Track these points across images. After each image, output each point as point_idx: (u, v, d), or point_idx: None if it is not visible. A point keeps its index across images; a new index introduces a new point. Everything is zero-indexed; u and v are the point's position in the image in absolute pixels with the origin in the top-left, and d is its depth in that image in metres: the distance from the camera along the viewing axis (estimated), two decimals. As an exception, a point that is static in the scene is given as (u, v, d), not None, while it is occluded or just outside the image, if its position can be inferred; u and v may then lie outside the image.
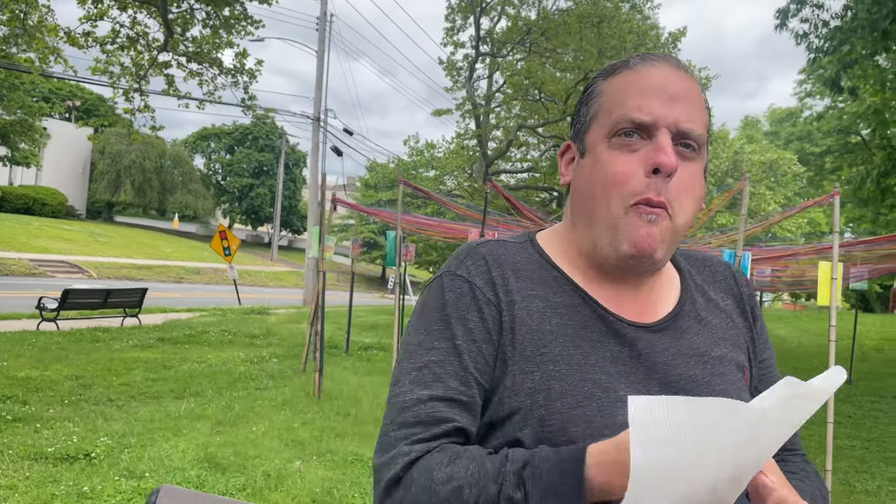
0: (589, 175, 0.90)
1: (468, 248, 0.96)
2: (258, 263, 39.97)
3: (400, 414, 0.84)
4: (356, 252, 10.60)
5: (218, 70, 13.44)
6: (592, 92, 0.95)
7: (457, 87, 25.19)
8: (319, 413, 6.53)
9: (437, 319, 0.89)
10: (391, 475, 0.79)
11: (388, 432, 0.84)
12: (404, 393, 0.85)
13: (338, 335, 11.25)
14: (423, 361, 0.86)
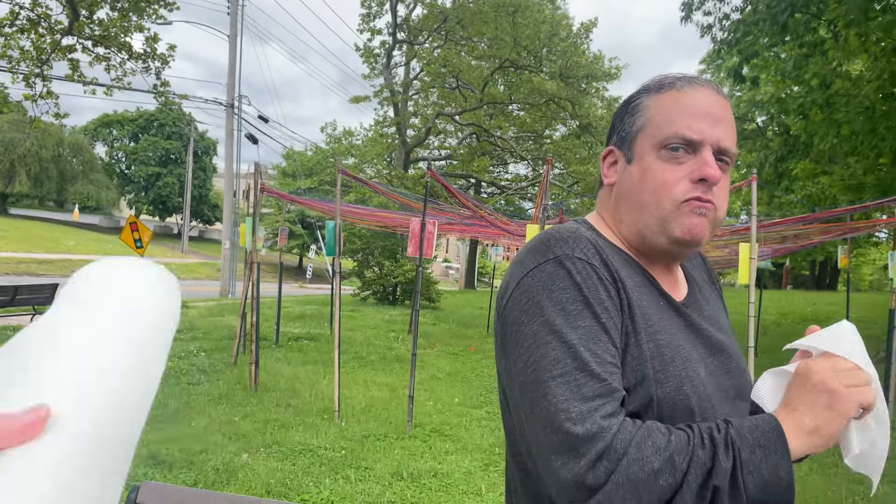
0: (639, 181, 1.04)
1: (569, 232, 1.01)
2: (168, 255, 38.48)
3: (571, 387, 0.86)
4: (284, 242, 10.46)
5: (127, 55, 12.85)
6: (638, 105, 1.08)
7: (374, 74, 25.05)
8: (259, 405, 6.48)
9: (572, 300, 0.92)
10: (598, 448, 0.81)
11: (568, 400, 0.84)
12: (570, 368, 0.87)
13: (265, 326, 11.07)
14: (571, 339, 0.89)
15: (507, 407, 1.05)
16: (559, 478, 0.83)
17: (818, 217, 8.46)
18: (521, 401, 0.92)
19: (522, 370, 0.91)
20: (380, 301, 17.69)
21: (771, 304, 19.19)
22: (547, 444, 0.85)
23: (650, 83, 1.09)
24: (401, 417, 6.22)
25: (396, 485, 4.53)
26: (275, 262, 24.04)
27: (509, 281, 1.01)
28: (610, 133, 1.14)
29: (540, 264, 0.97)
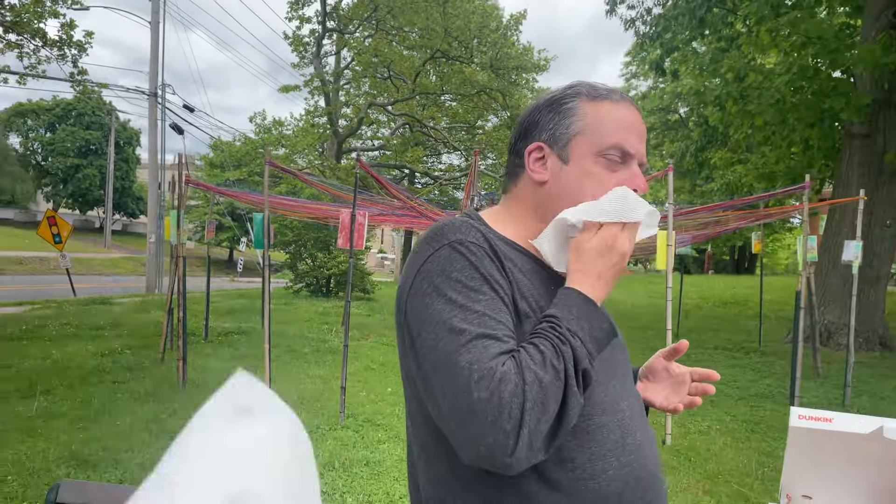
0: (578, 183, 1.13)
1: (461, 222, 1.08)
2: (90, 250, 36.99)
3: (471, 351, 0.93)
4: (211, 235, 10.23)
5: (41, 42, 12.27)
6: (572, 108, 1.15)
7: (304, 63, 24.65)
8: (188, 402, 6.36)
9: (472, 277, 1.00)
10: (513, 389, 0.90)
11: (472, 364, 0.91)
12: (473, 335, 0.94)
13: (194, 322, 10.83)
14: (473, 312, 0.97)
15: (410, 391, 1.11)
16: (485, 435, 0.89)
17: (732, 205, 8.87)
18: (433, 377, 0.96)
19: (433, 347, 0.96)
20: (313, 293, 17.52)
21: (693, 288, 19.97)
22: (466, 410, 0.90)
23: (580, 88, 1.16)
24: (333, 409, 6.23)
25: (328, 475, 4.55)
26: (204, 255, 23.56)
27: (409, 271, 1.07)
28: (529, 128, 1.18)
29: (436, 250, 1.03)
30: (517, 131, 1.21)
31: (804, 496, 1.90)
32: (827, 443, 1.74)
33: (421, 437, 1.10)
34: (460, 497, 1.04)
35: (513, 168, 1.22)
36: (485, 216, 1.20)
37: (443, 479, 1.06)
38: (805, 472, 1.85)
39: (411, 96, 24.61)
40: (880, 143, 10.29)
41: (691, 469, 5.04)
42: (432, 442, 1.07)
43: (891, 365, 9.43)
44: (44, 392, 6.51)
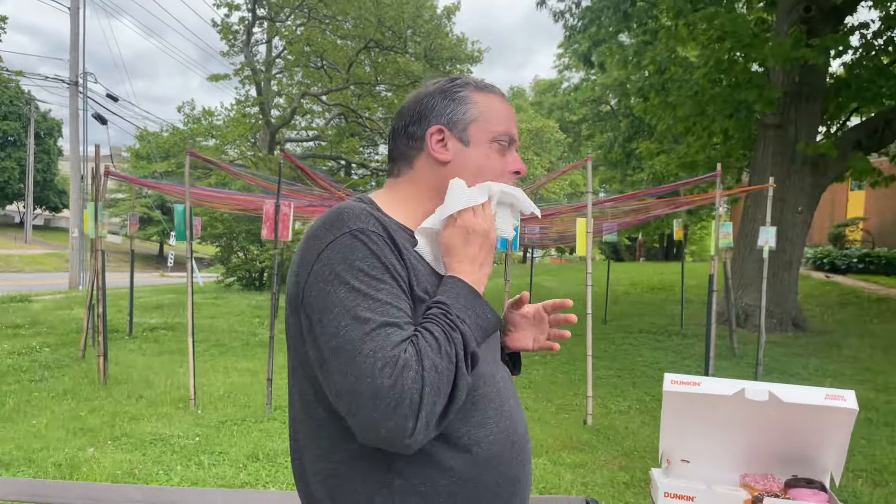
0: (476, 164, 1.24)
1: (360, 209, 1.12)
2: (10, 247, 35.38)
3: (376, 339, 0.99)
4: (134, 229, 9.94)
5: (-52, 26, 11.64)
6: (466, 97, 1.26)
7: (234, 51, 24.07)
8: (108, 399, 6.21)
9: (373, 266, 1.05)
10: (409, 379, 0.97)
11: (375, 351, 0.97)
12: (377, 323, 1.00)
13: (118, 318, 10.53)
14: (375, 301, 1.02)
15: (300, 373, 1.15)
16: (385, 422, 0.96)
17: (649, 193, 9.18)
18: (334, 361, 1.00)
19: (335, 334, 1.00)
20: (245, 287, 17.23)
21: (624, 275, 20.52)
22: (369, 394, 0.96)
23: (468, 80, 1.29)
24: (260, 401, 6.19)
25: (251, 466, 4.54)
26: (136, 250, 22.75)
27: (307, 255, 1.09)
28: (424, 113, 1.25)
29: (336, 238, 1.07)
30: (408, 117, 1.27)
31: (683, 460, 2.04)
32: (697, 405, 1.87)
33: (315, 415, 1.13)
34: (353, 466, 1.10)
35: (405, 151, 1.28)
36: (377, 200, 1.25)
37: (336, 453, 1.11)
38: (681, 436, 1.98)
39: (345, 86, 24.37)
40: (792, 133, 10.80)
41: (609, 447, 5.23)
42: (328, 418, 1.11)
43: (803, 344, 9.95)
44: (-47, 393, 6.25)
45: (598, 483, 4.41)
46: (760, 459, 1.93)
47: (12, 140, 43.21)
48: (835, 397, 1.73)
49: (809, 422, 1.80)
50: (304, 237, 1.15)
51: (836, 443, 1.80)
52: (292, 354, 1.17)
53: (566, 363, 8.50)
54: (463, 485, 1.10)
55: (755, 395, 1.77)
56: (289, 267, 5.53)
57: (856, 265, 16.93)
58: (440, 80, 1.32)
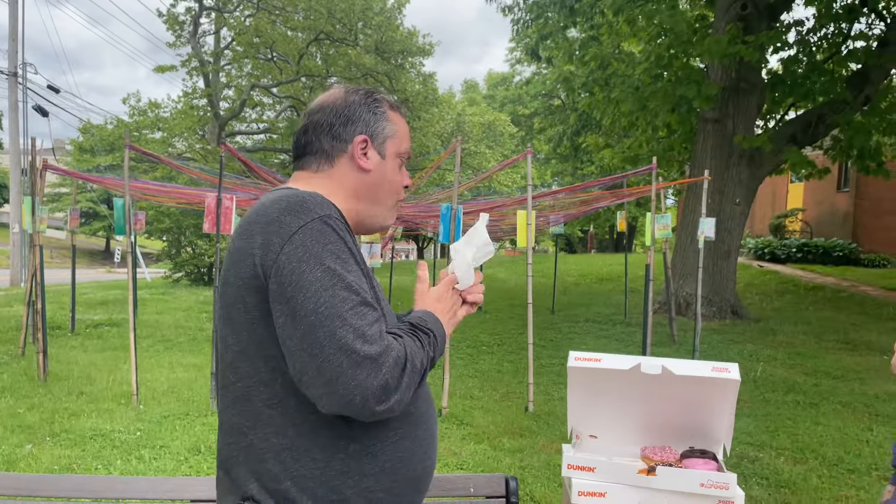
0: (389, 176, 1.41)
1: (321, 198, 1.23)
2: (-54, 243, 33.98)
3: (360, 317, 1.11)
4: (74, 224, 9.73)
5: None
6: (385, 114, 1.41)
7: (180, 42, 23.61)
8: (47, 396, 6.12)
9: (341, 250, 1.16)
10: (392, 358, 1.12)
11: (361, 327, 1.10)
12: (356, 302, 1.12)
13: (60, 314, 10.31)
14: (352, 281, 1.14)
15: (251, 353, 1.21)
16: (367, 387, 1.08)
17: (587, 186, 9.40)
18: (311, 336, 1.09)
19: (313, 310, 1.09)
20: (194, 282, 16.98)
21: (575, 266, 20.89)
22: (349, 364, 1.07)
23: (384, 98, 1.44)
24: (204, 396, 6.17)
25: (193, 459, 4.55)
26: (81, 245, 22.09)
27: (271, 238, 1.16)
28: (351, 119, 1.37)
29: (307, 223, 1.16)
30: (334, 116, 1.38)
31: (591, 436, 2.17)
32: (599, 380, 2.00)
33: (268, 394, 1.20)
34: (311, 438, 1.19)
35: (327, 149, 1.37)
36: (322, 192, 1.33)
37: (292, 427, 1.19)
38: (586, 412, 2.11)
39: (296, 78, 24.16)
40: (731, 127, 11.17)
41: (549, 431, 5.40)
42: (286, 394, 1.19)
43: (739, 331, 10.33)
44: None
45: (535, 466, 4.56)
46: (659, 433, 2.08)
47: (-53, 132, 41.50)
48: (721, 370, 1.88)
49: (699, 393, 1.96)
50: (255, 222, 1.20)
51: (725, 413, 1.95)
52: (242, 337, 1.21)
53: (512, 353, 8.67)
54: (404, 439, 1.26)
55: (650, 368, 1.91)
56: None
57: (795, 255, 17.58)
58: (358, 88, 1.44)
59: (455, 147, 6.24)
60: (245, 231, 1.22)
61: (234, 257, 1.22)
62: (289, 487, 1.18)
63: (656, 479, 1.84)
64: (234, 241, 1.25)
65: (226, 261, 1.26)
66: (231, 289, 1.21)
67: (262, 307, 1.17)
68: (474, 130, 28.89)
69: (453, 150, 6.32)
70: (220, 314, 1.26)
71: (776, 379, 7.34)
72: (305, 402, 1.17)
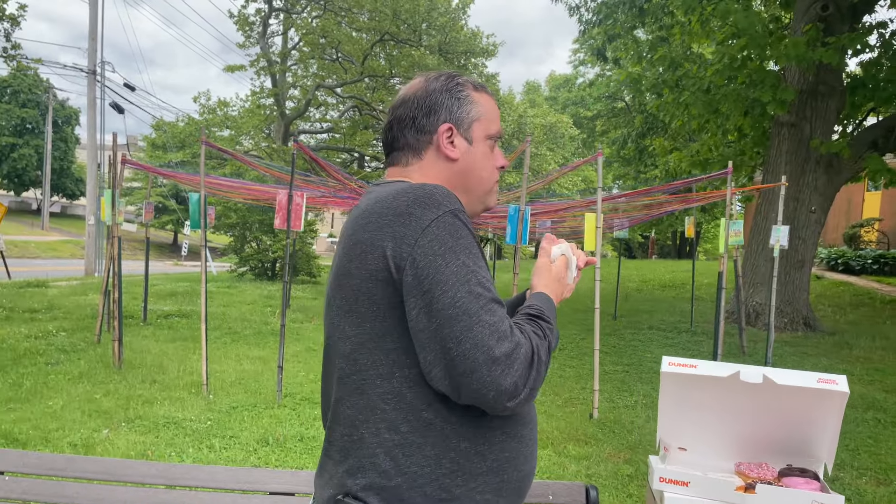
0: (479, 162, 1.38)
1: (444, 190, 1.23)
2: (26, 233, 35.75)
3: (492, 314, 1.12)
4: (149, 217, 10.07)
5: (-30, 14, 11.80)
6: (467, 97, 1.37)
7: (250, 42, 24.21)
8: (122, 382, 6.33)
9: (472, 245, 1.18)
10: (522, 354, 1.12)
11: (495, 324, 1.11)
12: (488, 299, 1.13)
13: (133, 305, 10.67)
14: (483, 277, 1.16)
15: (371, 347, 1.20)
16: (500, 384, 1.09)
17: (659, 189, 9.16)
18: (447, 329, 1.10)
19: (450, 304, 1.11)
20: (258, 277, 17.36)
21: (636, 272, 20.50)
22: (484, 361, 1.08)
23: (466, 80, 1.39)
24: (271, 388, 6.28)
25: (261, 450, 4.63)
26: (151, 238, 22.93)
27: (404, 231, 1.16)
28: (433, 108, 1.34)
29: (439, 216, 1.17)
30: (416, 109, 1.35)
31: (680, 448, 2.09)
32: (693, 389, 1.92)
33: (385, 388, 1.20)
34: (424, 435, 1.18)
35: (413, 142, 1.36)
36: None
37: (406, 423, 1.19)
38: (678, 423, 2.03)
39: (360, 79, 24.45)
40: (807, 132, 10.74)
41: (614, 440, 5.28)
42: (404, 388, 1.19)
43: (813, 344, 9.92)
44: (-28, 374, 6.39)
45: (602, 475, 4.46)
46: (755, 447, 1.98)
47: (31, 128, 43.68)
48: (827, 381, 1.78)
49: (802, 406, 1.85)
50: (382, 214, 1.20)
51: (829, 428, 1.84)
52: (365, 328, 1.21)
53: (575, 358, 8.54)
54: (511, 439, 1.25)
55: (750, 377, 1.82)
56: (305, 258, 5.58)
57: (870, 266, 16.81)
58: (438, 74, 1.41)
59: (524, 147, 6.18)
60: (370, 223, 1.21)
61: (358, 250, 1.21)
62: (399, 484, 1.18)
63: (755, 498, 1.75)
64: (353, 234, 1.23)
65: (344, 253, 1.25)
66: (354, 280, 1.21)
67: (391, 300, 1.18)
68: (536, 132, 28.68)
69: (522, 151, 6.26)
70: (339, 305, 1.25)
71: (854, 395, 7.00)
72: (421, 398, 1.18)
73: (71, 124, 47.01)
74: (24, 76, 40.64)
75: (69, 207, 52.95)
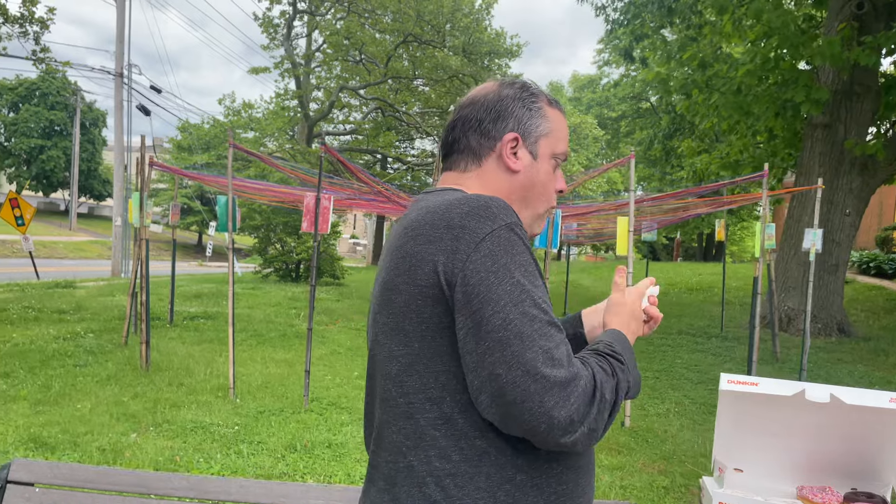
0: (542, 179, 1.28)
1: (503, 202, 1.13)
2: (54, 233, 36.29)
3: (548, 339, 1.02)
4: (176, 219, 10.10)
5: (2, 18, 11.96)
6: (541, 110, 1.28)
7: (274, 44, 24.36)
8: (150, 385, 6.33)
9: (528, 262, 1.08)
10: (581, 386, 1.02)
11: (550, 350, 1.01)
12: (543, 322, 1.04)
13: (159, 306, 10.72)
14: (539, 298, 1.06)
15: (420, 369, 1.11)
16: (553, 416, 0.99)
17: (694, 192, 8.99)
18: (497, 353, 1.01)
19: (501, 326, 1.02)
20: (282, 278, 17.41)
21: (661, 275, 20.24)
22: (536, 390, 0.99)
23: (541, 92, 1.31)
24: (298, 392, 6.24)
25: (290, 457, 4.58)
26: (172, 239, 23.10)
27: (457, 245, 1.07)
28: (502, 115, 1.26)
29: (494, 230, 1.08)
30: (485, 112, 1.27)
31: (736, 469, 1.98)
32: (754, 407, 1.81)
33: (435, 413, 1.11)
34: (477, 465, 1.09)
35: (476, 147, 1.27)
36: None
37: (458, 451, 1.10)
38: (735, 442, 1.92)
39: (383, 80, 24.47)
40: (841, 133, 10.49)
41: (648, 450, 5.15)
42: (455, 414, 1.09)
43: (848, 350, 9.69)
44: (3, 375, 6.43)
45: (637, 486, 4.34)
46: (818, 470, 1.87)
47: (59, 130, 44.40)
48: (902, 404, 1.66)
49: (871, 427, 1.74)
50: (434, 226, 1.11)
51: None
52: (412, 348, 1.12)
53: (602, 363, 8.40)
54: (568, 471, 1.15)
55: (816, 396, 1.71)
56: (329, 260, 5.42)
57: (904, 270, 16.41)
58: (513, 80, 1.32)
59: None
60: (420, 235, 1.12)
61: (407, 263, 1.12)
62: None
63: (822, 525, 1.64)
64: (402, 246, 1.15)
65: (391, 266, 1.16)
66: (402, 296, 1.12)
67: (441, 319, 1.09)
68: (559, 133, 28.49)
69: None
70: (385, 322, 1.16)
71: (894, 405, 6.79)
72: (473, 424, 1.08)
73: (98, 126, 47.71)
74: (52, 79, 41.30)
75: (96, 208, 53.72)
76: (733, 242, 35.50)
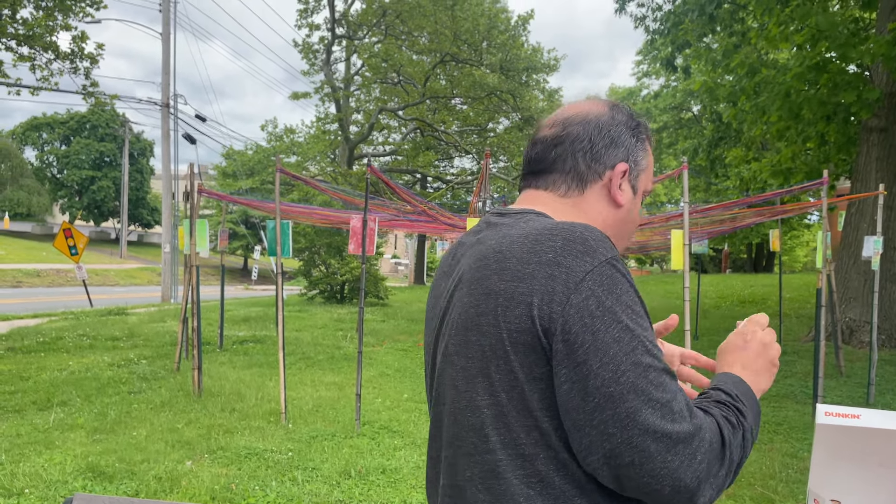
0: (635, 216, 1.20)
1: (598, 233, 0.99)
2: (106, 261, 37.33)
3: (664, 390, 0.91)
4: (224, 244, 10.25)
5: (53, 55, 12.37)
6: (644, 141, 1.19)
7: (314, 70, 24.77)
8: (203, 411, 6.35)
9: (634, 302, 0.95)
10: (712, 437, 0.94)
11: (669, 402, 0.91)
12: (658, 370, 0.92)
13: (209, 331, 10.86)
14: (650, 342, 0.93)
15: (510, 422, 0.98)
16: (678, 476, 0.89)
17: (748, 202, 8.74)
18: (606, 411, 0.90)
19: (612, 380, 0.90)
20: (327, 300, 17.54)
21: (711, 287, 19.78)
22: (658, 449, 0.89)
23: (644, 122, 1.21)
24: (349, 416, 6.19)
25: (344, 483, 4.51)
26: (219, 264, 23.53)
27: (553, 285, 0.94)
28: (616, 142, 1.14)
29: (595, 267, 0.95)
30: (599, 135, 1.14)
31: (833, 500, 1.84)
32: (855, 441, 1.67)
33: (536, 473, 0.98)
34: None
35: (585, 170, 1.14)
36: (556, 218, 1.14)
37: None
38: (833, 474, 1.78)
39: (421, 100, 24.63)
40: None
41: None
42: (551, 474, 0.97)
43: (914, 361, 9.26)
44: (60, 404, 6.54)
45: (705, 511, 4.15)
46: (927, 503, 1.72)
47: (108, 160, 45.86)
48: None
49: None
50: (525, 262, 0.98)
51: None
52: (499, 399, 0.99)
53: (657, 380, 8.18)
54: None
55: (927, 431, 1.57)
56: (373, 281, 5.32)
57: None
58: (620, 105, 1.20)
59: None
60: (506, 271, 0.98)
61: (493, 303, 0.98)
62: None
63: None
64: (484, 281, 1.01)
65: (472, 303, 1.02)
66: (487, 339, 0.98)
67: (535, 369, 0.95)
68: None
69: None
70: (465, 366, 1.03)
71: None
72: (572, 484, 0.95)
73: (146, 156, 49.16)
74: (101, 111, 42.72)
75: (145, 236, 55.16)
76: (784, 252, 34.57)
